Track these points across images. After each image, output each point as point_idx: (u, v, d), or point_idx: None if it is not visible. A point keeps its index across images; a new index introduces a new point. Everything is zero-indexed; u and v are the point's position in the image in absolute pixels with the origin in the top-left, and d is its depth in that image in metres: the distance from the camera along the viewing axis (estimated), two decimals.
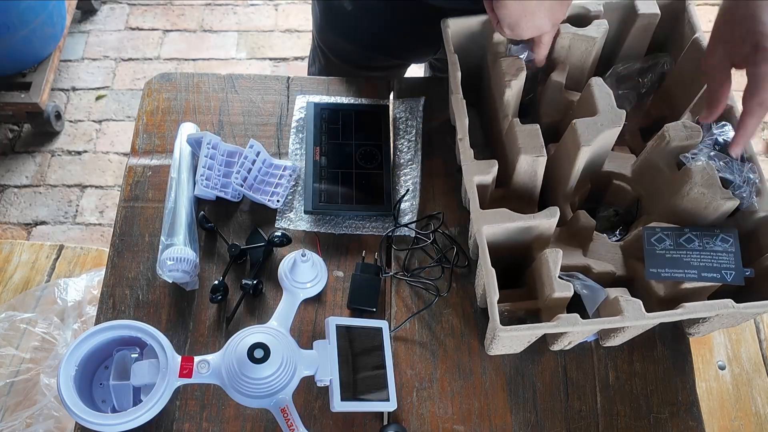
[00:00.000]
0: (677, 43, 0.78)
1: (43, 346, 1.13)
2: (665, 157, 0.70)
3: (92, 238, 1.71)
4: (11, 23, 1.60)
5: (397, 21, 0.87)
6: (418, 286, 0.77)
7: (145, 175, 0.85)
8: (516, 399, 0.72)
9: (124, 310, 0.76)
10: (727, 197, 0.63)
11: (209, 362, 0.63)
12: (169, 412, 0.71)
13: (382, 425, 0.70)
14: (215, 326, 0.76)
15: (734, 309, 0.61)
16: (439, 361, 0.74)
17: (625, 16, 0.77)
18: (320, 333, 0.75)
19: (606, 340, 0.73)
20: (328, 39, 0.96)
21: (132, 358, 0.67)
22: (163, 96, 0.91)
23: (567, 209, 0.75)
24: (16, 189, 1.79)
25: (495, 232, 0.67)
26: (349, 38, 0.93)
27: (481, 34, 0.77)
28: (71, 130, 1.89)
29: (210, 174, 0.80)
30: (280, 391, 0.62)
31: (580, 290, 0.65)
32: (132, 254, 0.80)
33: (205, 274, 0.78)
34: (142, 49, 2.04)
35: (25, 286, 1.22)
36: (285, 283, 0.70)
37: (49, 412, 1.07)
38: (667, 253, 0.65)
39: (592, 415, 0.71)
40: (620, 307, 0.62)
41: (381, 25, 0.89)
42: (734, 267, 0.64)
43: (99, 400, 0.68)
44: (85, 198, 1.78)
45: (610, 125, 0.67)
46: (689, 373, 0.73)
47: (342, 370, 0.66)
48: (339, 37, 0.94)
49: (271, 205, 0.80)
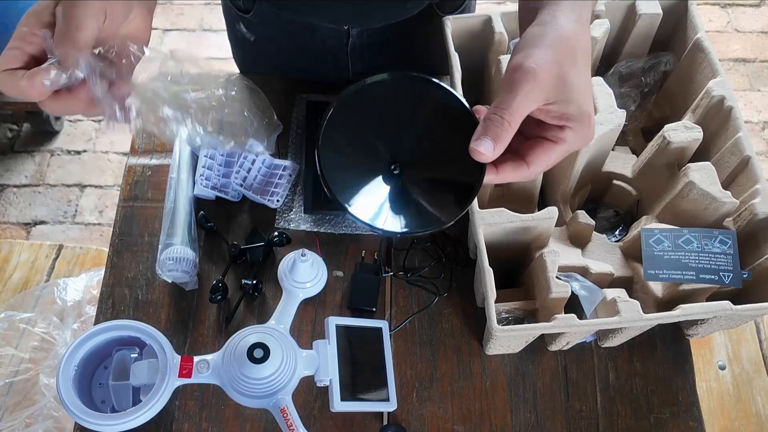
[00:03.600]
0: (679, 43, 0.78)
1: (42, 346, 1.13)
2: (665, 158, 0.70)
3: (92, 238, 1.71)
4: (10, 22, 1.60)
5: (298, 47, 0.86)
6: (418, 285, 0.77)
7: (145, 174, 0.85)
8: (516, 399, 0.72)
9: (123, 310, 0.76)
10: (727, 199, 0.63)
11: (209, 362, 0.63)
12: (168, 412, 0.71)
13: (382, 425, 0.70)
14: (215, 326, 0.76)
15: (732, 311, 0.61)
16: (439, 361, 0.74)
17: (627, 16, 0.77)
18: (320, 333, 0.75)
19: (604, 341, 0.72)
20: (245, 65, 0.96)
21: (131, 358, 0.67)
22: None
23: (566, 209, 0.75)
24: (16, 188, 1.79)
25: (494, 232, 0.67)
26: (260, 67, 0.92)
27: (482, 33, 0.77)
28: (71, 130, 1.88)
29: (210, 174, 0.80)
30: (279, 391, 0.62)
31: (577, 291, 0.65)
32: (131, 254, 0.79)
33: (205, 273, 0.78)
34: None
35: (24, 285, 1.21)
36: (285, 282, 0.70)
37: (49, 412, 1.07)
38: (665, 255, 0.65)
39: (593, 416, 0.71)
40: (617, 308, 0.62)
41: (285, 53, 0.88)
42: (732, 269, 0.64)
43: (98, 400, 0.68)
44: (85, 198, 1.78)
45: (610, 125, 0.67)
46: (689, 373, 0.73)
47: (342, 371, 0.66)
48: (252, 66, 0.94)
49: (270, 204, 0.80)
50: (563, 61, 0.45)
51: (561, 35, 0.46)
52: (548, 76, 0.44)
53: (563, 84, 0.44)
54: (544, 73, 0.44)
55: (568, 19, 0.47)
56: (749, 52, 1.98)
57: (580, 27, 0.47)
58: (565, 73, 0.45)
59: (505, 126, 0.43)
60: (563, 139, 0.46)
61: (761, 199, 0.64)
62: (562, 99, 0.45)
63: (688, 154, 0.70)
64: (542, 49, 0.45)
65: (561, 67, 0.44)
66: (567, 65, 0.45)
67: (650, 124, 0.81)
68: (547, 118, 0.46)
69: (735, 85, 1.91)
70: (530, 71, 0.43)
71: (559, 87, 0.44)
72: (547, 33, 0.46)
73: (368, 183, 0.47)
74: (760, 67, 1.96)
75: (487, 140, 0.44)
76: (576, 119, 0.45)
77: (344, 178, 0.46)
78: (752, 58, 1.97)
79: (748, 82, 1.93)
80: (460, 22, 0.76)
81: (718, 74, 0.70)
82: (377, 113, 0.47)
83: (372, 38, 0.83)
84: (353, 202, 0.46)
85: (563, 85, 0.44)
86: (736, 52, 1.98)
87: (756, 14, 2.06)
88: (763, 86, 1.92)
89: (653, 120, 0.80)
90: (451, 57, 0.74)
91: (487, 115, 0.44)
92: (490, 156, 0.44)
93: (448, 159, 0.48)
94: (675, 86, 0.78)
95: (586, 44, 0.48)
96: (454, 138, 0.47)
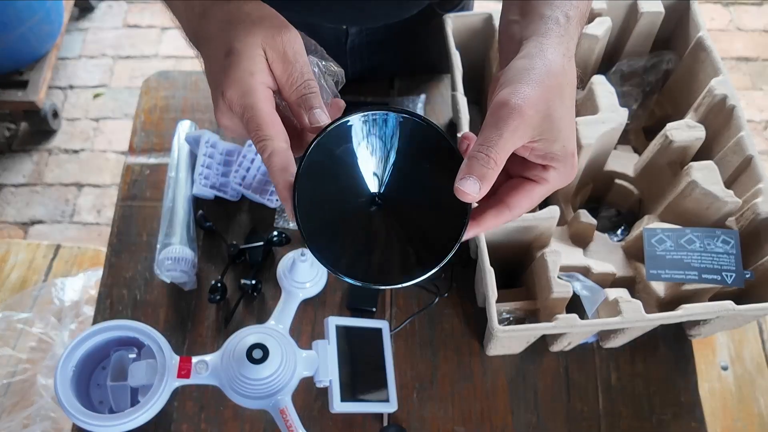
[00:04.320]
0: (681, 41, 0.77)
1: (40, 346, 1.12)
2: (667, 158, 0.69)
3: (89, 238, 1.70)
4: (8, 21, 1.59)
5: None
6: (418, 285, 0.77)
7: (143, 173, 0.84)
8: (517, 400, 0.71)
9: (121, 310, 0.76)
10: (729, 198, 0.63)
11: (207, 363, 0.62)
12: (167, 413, 0.70)
13: (382, 426, 0.70)
14: (214, 326, 0.75)
15: (735, 311, 0.61)
16: (439, 361, 0.73)
17: (629, 15, 0.76)
18: (320, 333, 0.74)
19: (606, 342, 0.72)
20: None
21: (130, 358, 0.67)
22: (161, 94, 0.90)
23: (568, 209, 0.74)
24: (13, 188, 1.78)
25: (495, 232, 0.66)
26: None
27: (483, 31, 0.77)
28: (68, 129, 1.88)
29: (208, 173, 0.80)
30: (279, 391, 0.62)
31: (579, 291, 0.65)
32: (130, 254, 0.79)
33: (204, 273, 0.78)
34: (140, 46, 2.03)
35: (21, 285, 1.21)
36: (284, 282, 0.70)
37: (46, 413, 1.06)
38: (667, 255, 0.65)
39: (594, 416, 0.71)
40: (619, 308, 0.62)
41: None
42: (735, 269, 0.63)
43: (96, 401, 0.68)
44: (83, 197, 1.77)
45: (612, 124, 0.67)
46: (692, 374, 0.73)
47: (342, 371, 0.65)
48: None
49: (270, 204, 0.80)
50: (551, 98, 0.44)
51: (549, 71, 0.44)
52: (535, 113, 0.43)
53: (550, 122, 0.43)
54: (531, 111, 0.42)
55: (556, 52, 0.46)
56: (751, 51, 1.98)
57: (567, 61, 0.46)
58: (552, 111, 0.43)
59: (491, 164, 0.42)
60: (546, 179, 0.45)
61: (764, 199, 0.64)
62: (548, 138, 0.44)
63: (690, 153, 0.69)
64: (530, 86, 0.43)
65: (548, 105, 0.43)
66: (554, 103, 0.44)
67: (652, 123, 0.80)
68: (531, 156, 0.45)
69: (737, 83, 1.91)
70: (517, 108, 0.42)
71: (545, 125, 0.43)
72: (535, 67, 0.44)
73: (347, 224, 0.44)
74: (762, 65, 1.95)
75: (473, 180, 0.41)
76: (560, 159, 0.45)
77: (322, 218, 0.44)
78: (754, 56, 1.97)
79: (750, 80, 1.93)
80: (460, 20, 0.75)
81: (720, 73, 0.70)
82: (357, 152, 0.44)
83: (371, 37, 0.82)
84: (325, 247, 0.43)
85: (549, 123, 0.43)
86: (738, 50, 1.98)
87: (758, 13, 2.05)
88: (765, 85, 1.92)
89: (655, 119, 0.80)
90: (452, 55, 0.73)
91: (472, 153, 0.42)
92: (475, 196, 0.42)
93: (431, 200, 0.45)
94: (677, 85, 0.77)
95: (573, 79, 0.47)
96: (437, 177, 0.45)
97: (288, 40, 0.44)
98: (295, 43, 0.44)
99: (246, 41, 0.43)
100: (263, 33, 0.43)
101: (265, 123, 0.43)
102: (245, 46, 0.43)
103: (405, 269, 0.44)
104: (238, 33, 0.44)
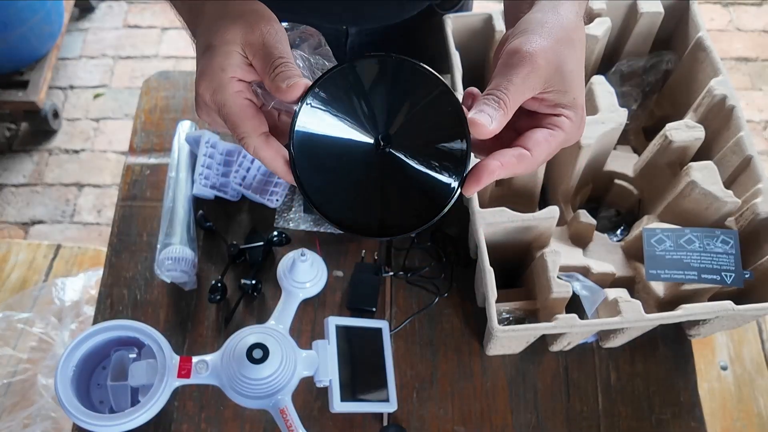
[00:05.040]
0: (681, 42, 0.78)
1: (40, 346, 1.12)
2: (667, 158, 0.69)
3: (90, 238, 1.70)
4: (8, 21, 1.59)
5: None
6: (419, 285, 0.77)
7: (143, 173, 0.84)
8: (517, 400, 0.71)
9: (121, 310, 0.76)
10: (729, 198, 0.63)
11: (208, 362, 0.62)
12: (167, 412, 0.70)
13: (382, 426, 0.70)
14: (214, 326, 0.75)
15: (734, 311, 0.61)
16: (439, 361, 0.73)
17: (628, 15, 0.76)
18: (320, 333, 0.74)
19: (606, 342, 0.72)
20: None
21: (130, 358, 0.67)
22: (161, 94, 0.90)
23: (568, 209, 0.74)
24: (14, 188, 1.78)
25: (494, 232, 0.66)
26: None
27: (482, 31, 0.77)
28: (69, 129, 1.88)
29: (209, 173, 0.80)
30: (279, 391, 0.62)
31: (579, 291, 0.65)
32: (130, 254, 0.79)
33: (204, 273, 0.78)
34: (140, 47, 2.03)
35: (22, 285, 1.21)
36: (284, 282, 0.70)
37: (47, 413, 1.06)
38: (667, 255, 0.65)
39: (594, 416, 0.71)
40: (619, 308, 0.62)
41: None
42: (734, 269, 0.63)
43: (97, 401, 0.68)
44: (83, 197, 1.77)
45: (611, 124, 0.67)
46: (691, 374, 0.73)
47: (342, 371, 0.65)
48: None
49: (270, 204, 0.80)
50: (562, 51, 0.43)
51: (561, 24, 0.44)
52: (546, 64, 0.42)
53: (560, 74, 0.43)
54: (542, 60, 0.42)
55: (569, 10, 0.46)
56: (751, 51, 1.98)
57: (579, 20, 0.46)
58: (563, 64, 0.43)
59: (502, 105, 0.41)
60: (561, 127, 0.44)
61: (763, 199, 0.64)
62: (559, 89, 0.43)
63: (689, 153, 0.69)
64: (542, 36, 0.43)
65: (559, 57, 0.43)
66: (566, 56, 0.43)
67: (652, 123, 0.80)
68: (541, 107, 0.44)
69: (737, 84, 1.91)
70: (528, 56, 0.42)
71: (556, 77, 0.43)
72: (548, 20, 0.44)
73: (349, 179, 0.43)
74: (762, 66, 1.95)
75: (485, 114, 0.40)
76: (571, 108, 0.44)
77: (325, 180, 0.43)
78: (754, 57, 1.97)
79: (749, 81, 1.92)
80: (460, 21, 0.76)
81: (720, 73, 0.70)
82: (359, 96, 0.43)
83: (370, 37, 0.82)
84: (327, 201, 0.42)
85: (560, 75, 0.43)
86: (737, 51, 1.98)
87: (758, 13, 2.05)
88: (764, 85, 1.92)
89: (655, 119, 0.80)
90: (452, 55, 0.74)
91: (482, 98, 0.42)
92: (488, 129, 0.41)
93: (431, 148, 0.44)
94: (676, 85, 0.77)
95: (583, 37, 0.47)
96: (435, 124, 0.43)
97: (267, 31, 0.43)
98: (275, 34, 0.43)
99: (223, 38, 0.43)
100: (242, 28, 0.43)
101: (239, 119, 0.42)
102: (220, 42, 0.43)
103: (410, 217, 0.43)
104: (217, 29, 0.43)
